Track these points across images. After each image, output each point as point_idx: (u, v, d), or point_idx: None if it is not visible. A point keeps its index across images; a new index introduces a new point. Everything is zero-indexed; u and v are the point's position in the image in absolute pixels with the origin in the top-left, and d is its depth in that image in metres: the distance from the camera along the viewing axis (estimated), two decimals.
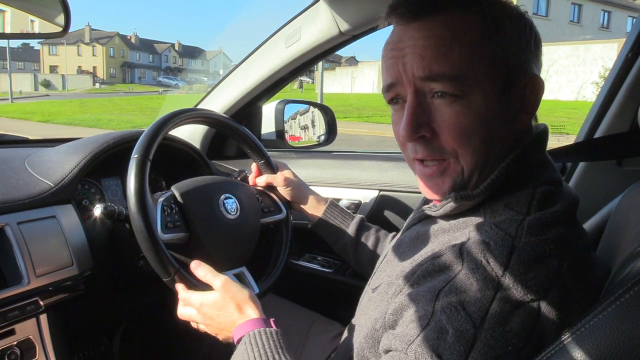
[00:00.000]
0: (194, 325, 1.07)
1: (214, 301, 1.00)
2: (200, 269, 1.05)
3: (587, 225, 1.15)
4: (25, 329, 1.12)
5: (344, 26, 1.45)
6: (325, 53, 1.61)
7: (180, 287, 1.05)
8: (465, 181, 0.78)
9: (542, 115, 0.82)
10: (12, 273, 1.08)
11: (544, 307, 0.63)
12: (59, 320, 1.20)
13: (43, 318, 1.15)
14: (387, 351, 0.71)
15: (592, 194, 1.24)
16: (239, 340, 0.91)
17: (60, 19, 1.23)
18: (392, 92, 0.80)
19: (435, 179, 0.80)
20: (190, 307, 1.04)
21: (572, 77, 21.98)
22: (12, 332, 1.09)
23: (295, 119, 2.03)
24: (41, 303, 1.12)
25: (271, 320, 0.94)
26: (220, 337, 1.01)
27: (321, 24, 1.49)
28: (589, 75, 20.69)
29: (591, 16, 30.37)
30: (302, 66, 1.67)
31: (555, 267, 0.66)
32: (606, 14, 31.60)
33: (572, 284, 0.66)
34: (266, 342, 0.87)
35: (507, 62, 0.74)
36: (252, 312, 0.96)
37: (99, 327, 1.55)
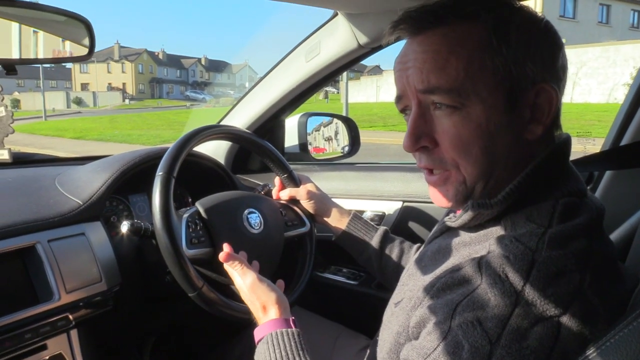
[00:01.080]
0: None
1: (244, 294, 1.04)
2: (229, 263, 1.07)
3: (615, 234, 1.12)
4: (57, 344, 1.15)
5: (363, 39, 1.45)
6: (346, 66, 1.61)
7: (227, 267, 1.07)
8: (469, 191, 0.77)
9: (572, 119, 0.81)
10: (43, 289, 1.11)
11: (565, 323, 0.62)
12: (89, 335, 1.23)
13: (74, 333, 1.18)
14: None
15: (620, 202, 1.21)
16: (259, 341, 0.94)
17: (87, 41, 1.26)
18: (401, 104, 0.83)
19: (439, 187, 0.81)
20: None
21: (602, 79, 21.45)
22: (44, 347, 1.12)
23: (319, 130, 2.04)
24: (71, 318, 1.15)
25: (291, 319, 0.96)
26: None
27: (340, 38, 1.50)
28: (619, 77, 20.18)
29: (620, 16, 29.66)
30: (323, 80, 1.68)
31: (577, 282, 0.64)
32: (636, 13, 30.85)
33: (595, 298, 0.64)
34: (287, 343, 0.90)
35: (510, 72, 0.72)
36: (274, 313, 0.98)
37: (128, 341, 1.57)
